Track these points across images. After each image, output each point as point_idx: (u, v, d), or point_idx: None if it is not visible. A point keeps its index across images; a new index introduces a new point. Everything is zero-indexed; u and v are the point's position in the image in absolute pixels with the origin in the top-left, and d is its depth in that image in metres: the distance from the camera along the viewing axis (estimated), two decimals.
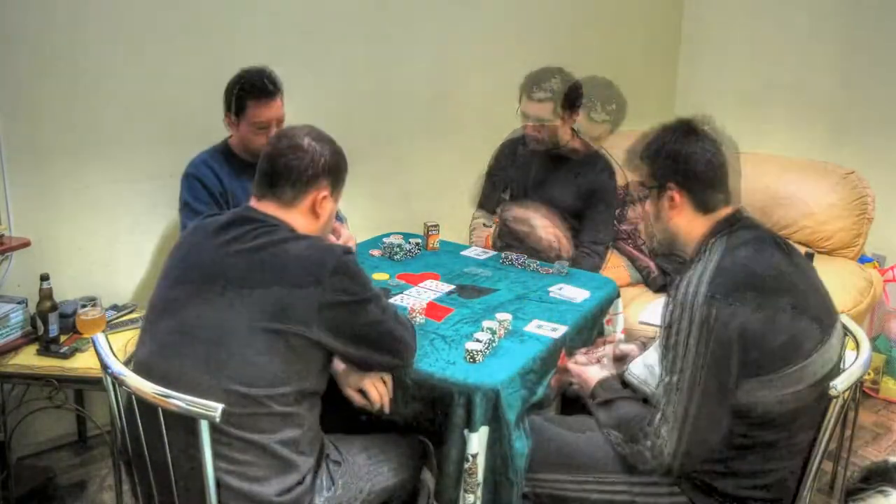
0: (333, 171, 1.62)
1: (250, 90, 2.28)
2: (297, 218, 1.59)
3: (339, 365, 1.70)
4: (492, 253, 2.59)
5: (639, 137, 1.71)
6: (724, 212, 1.64)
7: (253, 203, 1.60)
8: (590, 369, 1.81)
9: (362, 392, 1.70)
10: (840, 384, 1.50)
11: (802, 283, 1.57)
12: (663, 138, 1.66)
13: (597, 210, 2.68)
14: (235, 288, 1.46)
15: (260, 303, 1.44)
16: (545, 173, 2.76)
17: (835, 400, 1.51)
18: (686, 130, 1.65)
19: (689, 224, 1.64)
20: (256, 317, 1.43)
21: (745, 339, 1.46)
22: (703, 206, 1.63)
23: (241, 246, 1.50)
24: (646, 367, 1.73)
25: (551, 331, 1.96)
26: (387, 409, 1.71)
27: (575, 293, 2.20)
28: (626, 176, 2.76)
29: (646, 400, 1.68)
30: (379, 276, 2.30)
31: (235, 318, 1.44)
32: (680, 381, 1.49)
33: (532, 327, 1.98)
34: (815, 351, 1.51)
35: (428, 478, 1.88)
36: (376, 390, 1.69)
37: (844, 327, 1.77)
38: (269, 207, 1.57)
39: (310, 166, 1.57)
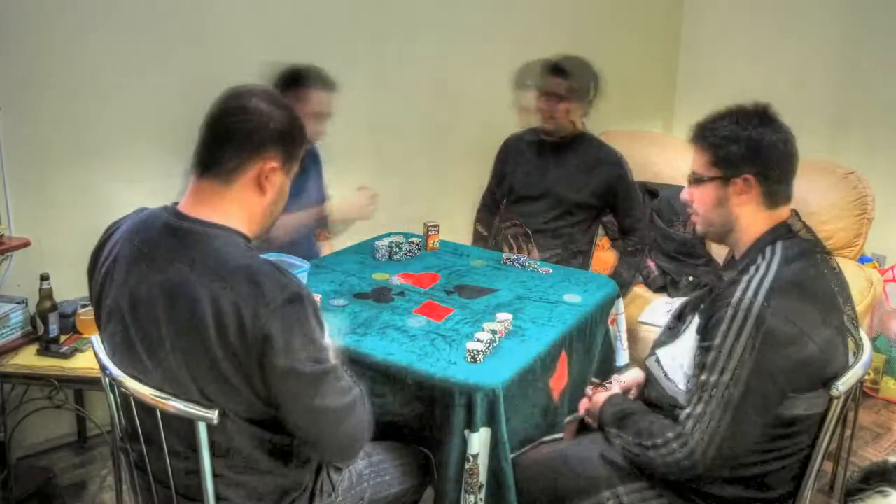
0: (286, 139, 1.39)
1: (316, 78, 2.34)
2: (239, 194, 1.36)
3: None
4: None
5: (711, 116, 1.60)
6: (784, 211, 1.58)
7: (188, 195, 1.38)
8: (597, 396, 1.77)
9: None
10: (841, 384, 1.50)
11: (844, 299, 1.54)
12: (741, 122, 1.55)
13: (624, 201, 2.79)
14: (175, 351, 1.31)
15: (200, 366, 1.29)
16: (550, 167, 2.79)
17: (836, 400, 1.51)
18: (764, 116, 1.56)
19: (751, 216, 1.56)
20: (205, 377, 1.30)
21: (798, 357, 1.42)
22: (771, 200, 1.55)
23: (159, 297, 1.30)
24: (672, 360, 1.66)
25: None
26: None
27: (575, 295, 2.20)
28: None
29: (654, 404, 1.66)
30: (379, 276, 2.30)
31: (189, 378, 1.32)
32: (719, 382, 1.43)
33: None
34: (847, 365, 1.51)
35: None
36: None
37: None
38: (206, 190, 1.36)
39: (256, 130, 1.35)
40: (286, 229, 2.47)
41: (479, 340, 1.80)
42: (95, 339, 1.52)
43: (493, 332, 1.85)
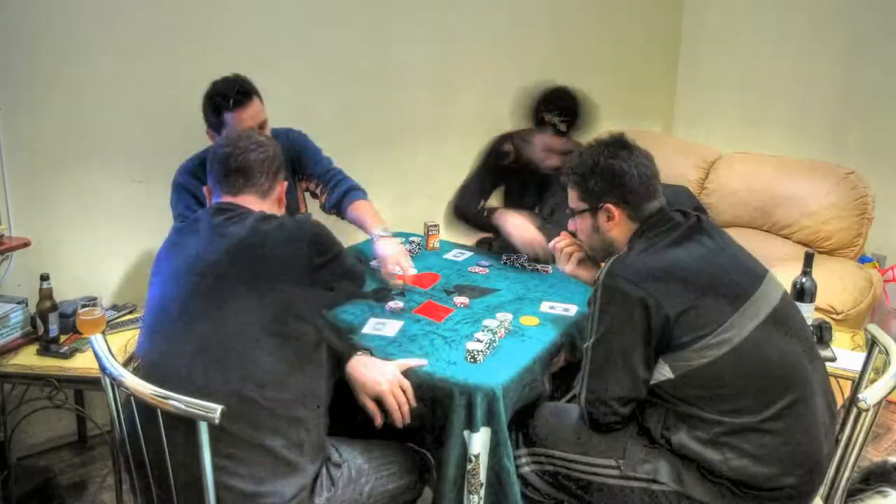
0: (283, 163, 1.78)
1: (224, 102, 2.22)
2: (272, 208, 1.71)
3: (355, 370, 1.70)
4: (469, 254, 2.54)
5: (576, 155, 1.82)
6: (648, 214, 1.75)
7: (226, 199, 1.67)
8: None
9: (378, 403, 1.69)
10: (870, 398, 1.45)
11: (708, 265, 1.64)
12: (597, 155, 1.75)
13: None
14: (240, 287, 1.51)
15: (263, 295, 1.51)
16: (546, 190, 2.65)
17: (864, 413, 1.48)
18: (618, 145, 1.75)
19: (625, 234, 1.76)
20: (264, 313, 1.50)
21: (647, 317, 1.57)
22: (638, 216, 1.74)
23: (231, 241, 1.56)
24: None
25: (563, 311, 2.09)
26: (406, 420, 1.69)
27: (573, 294, 2.20)
28: None
29: None
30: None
31: (244, 319, 1.49)
32: (587, 344, 1.66)
33: (545, 308, 2.10)
34: (725, 322, 1.57)
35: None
36: (395, 399, 1.67)
37: (873, 337, 1.72)
38: (247, 201, 1.66)
39: (275, 157, 1.72)
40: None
41: (478, 340, 1.81)
42: (95, 338, 1.52)
43: (493, 332, 1.85)
